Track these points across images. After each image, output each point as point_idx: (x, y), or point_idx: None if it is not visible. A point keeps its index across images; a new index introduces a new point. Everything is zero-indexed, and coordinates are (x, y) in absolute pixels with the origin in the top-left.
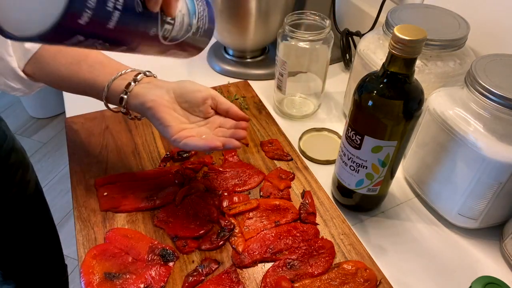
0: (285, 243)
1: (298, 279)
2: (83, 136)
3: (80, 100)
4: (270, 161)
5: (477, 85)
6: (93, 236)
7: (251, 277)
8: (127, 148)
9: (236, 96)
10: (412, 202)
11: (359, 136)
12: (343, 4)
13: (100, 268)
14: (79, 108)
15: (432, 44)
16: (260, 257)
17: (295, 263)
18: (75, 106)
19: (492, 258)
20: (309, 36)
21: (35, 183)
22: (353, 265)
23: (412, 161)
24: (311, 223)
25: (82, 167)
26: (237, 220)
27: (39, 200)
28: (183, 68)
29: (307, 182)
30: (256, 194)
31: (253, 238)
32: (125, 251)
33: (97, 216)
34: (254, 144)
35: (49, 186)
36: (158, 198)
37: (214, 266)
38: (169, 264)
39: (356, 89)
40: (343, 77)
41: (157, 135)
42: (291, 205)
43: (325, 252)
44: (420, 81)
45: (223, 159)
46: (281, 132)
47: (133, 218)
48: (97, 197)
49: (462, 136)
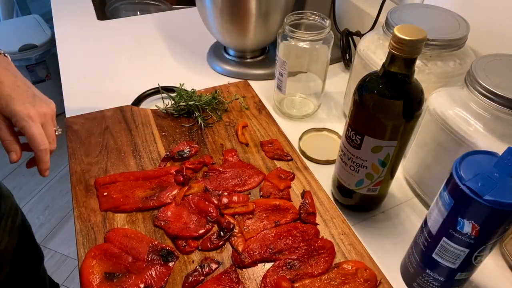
0: (285, 243)
1: (298, 279)
2: (83, 136)
3: (80, 100)
4: (270, 161)
5: (477, 85)
6: (93, 236)
7: (251, 277)
8: (127, 148)
9: (236, 96)
10: (412, 202)
11: (359, 136)
12: (343, 4)
13: (100, 268)
14: (79, 108)
15: (432, 44)
16: (260, 257)
17: (295, 263)
18: (75, 106)
19: (492, 258)
20: (309, 36)
21: (22, 221)
22: (353, 265)
23: (412, 161)
24: (311, 223)
25: (82, 167)
26: (237, 220)
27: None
28: (183, 68)
29: (307, 182)
30: (256, 194)
31: (253, 238)
32: (125, 251)
33: (97, 216)
34: (254, 144)
35: (49, 186)
36: (158, 198)
37: (214, 266)
38: (169, 264)
39: (356, 89)
40: (343, 77)
41: (157, 135)
42: (291, 205)
43: (325, 252)
44: (420, 81)
45: (223, 159)
46: (281, 132)
47: (133, 218)
48: (97, 197)
49: (462, 136)
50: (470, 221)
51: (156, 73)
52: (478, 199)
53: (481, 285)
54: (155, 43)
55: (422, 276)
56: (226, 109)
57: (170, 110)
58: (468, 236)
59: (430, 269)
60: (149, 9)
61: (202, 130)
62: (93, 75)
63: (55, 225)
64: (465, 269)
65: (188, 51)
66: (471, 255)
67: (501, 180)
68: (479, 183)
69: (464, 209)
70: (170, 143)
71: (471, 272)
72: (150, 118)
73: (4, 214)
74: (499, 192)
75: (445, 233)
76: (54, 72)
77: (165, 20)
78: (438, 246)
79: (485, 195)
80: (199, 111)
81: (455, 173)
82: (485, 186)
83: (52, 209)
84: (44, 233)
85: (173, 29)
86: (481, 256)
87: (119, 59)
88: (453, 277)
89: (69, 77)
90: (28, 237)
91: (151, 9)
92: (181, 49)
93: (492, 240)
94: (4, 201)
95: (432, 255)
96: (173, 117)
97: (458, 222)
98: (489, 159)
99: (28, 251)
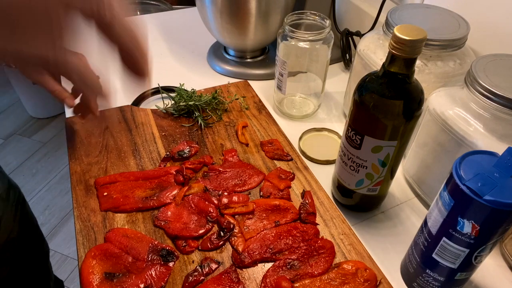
0: (285, 243)
1: (298, 279)
2: (83, 136)
3: None
4: (270, 161)
5: (477, 85)
6: (93, 236)
7: (251, 277)
8: (127, 148)
9: (236, 96)
10: (412, 202)
11: (359, 136)
12: (343, 4)
13: (100, 268)
14: None
15: (432, 44)
16: (260, 257)
17: (295, 263)
18: None
19: (492, 258)
20: (309, 36)
21: (28, 213)
22: (353, 265)
23: (412, 161)
24: (311, 223)
25: (82, 167)
26: (236, 220)
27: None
28: (183, 68)
29: (307, 182)
30: (256, 194)
31: (253, 238)
32: (125, 251)
33: (97, 216)
34: (254, 144)
35: (49, 186)
36: (158, 198)
37: (214, 266)
38: (169, 264)
39: (356, 89)
40: (343, 77)
41: (157, 135)
42: (291, 205)
43: (325, 252)
44: (420, 81)
45: (223, 159)
46: (281, 132)
47: (133, 218)
48: (97, 197)
49: (462, 136)
50: (470, 221)
51: (156, 73)
52: (478, 199)
53: (481, 285)
54: (155, 43)
55: (422, 276)
56: (226, 109)
57: (170, 110)
58: (468, 236)
59: (430, 269)
60: (149, 9)
61: (202, 130)
62: None
63: (55, 225)
64: (465, 269)
65: (188, 51)
66: (471, 255)
67: (501, 180)
68: (479, 183)
69: (464, 209)
70: (170, 143)
71: (471, 272)
72: (150, 118)
73: (13, 203)
74: (499, 192)
75: (445, 233)
76: None
77: (165, 20)
78: (438, 246)
79: (485, 195)
80: (199, 111)
81: (455, 173)
82: (485, 186)
83: (52, 209)
84: (44, 233)
85: (173, 29)
86: (481, 256)
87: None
88: (453, 277)
89: None
90: (34, 229)
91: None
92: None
93: (492, 240)
94: (13, 190)
95: (432, 255)
96: (173, 117)
97: (458, 222)
98: (489, 159)
99: (35, 243)
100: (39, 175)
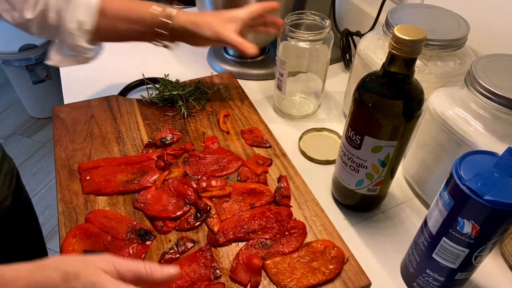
0: (259, 223)
1: (269, 256)
2: (69, 124)
3: (80, 100)
4: (250, 148)
5: (477, 85)
6: (75, 217)
7: (225, 255)
8: (111, 135)
9: (218, 86)
10: (412, 202)
11: (359, 136)
12: (343, 4)
13: (79, 246)
14: None
15: (432, 44)
16: (234, 236)
17: (268, 242)
18: None
19: (492, 258)
20: (309, 36)
21: (24, 189)
22: (322, 244)
23: (412, 161)
24: (284, 205)
25: (67, 153)
26: (214, 203)
27: (29, 206)
28: (183, 68)
29: (284, 168)
30: (234, 179)
31: (228, 219)
32: (104, 231)
33: (79, 198)
34: (234, 132)
35: (49, 186)
36: (139, 182)
37: (189, 244)
38: (146, 243)
39: (356, 89)
40: (343, 77)
41: (141, 123)
42: (267, 189)
43: (296, 232)
44: (420, 81)
45: (204, 146)
46: (262, 121)
47: (113, 200)
48: (80, 181)
49: (462, 136)
50: (470, 221)
51: (156, 73)
52: (478, 199)
53: (481, 285)
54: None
55: (422, 276)
56: (209, 99)
57: (154, 99)
58: (468, 236)
59: (430, 269)
60: None
61: (185, 119)
62: (93, 75)
63: (55, 225)
64: (465, 269)
65: (188, 51)
66: (471, 255)
67: (501, 180)
68: (479, 183)
69: (464, 209)
70: (154, 131)
71: (471, 272)
72: (135, 107)
73: (8, 173)
74: (499, 192)
75: (445, 233)
76: (54, 72)
77: None
78: (438, 246)
79: (485, 195)
80: (182, 101)
81: (455, 173)
82: (485, 186)
83: (52, 209)
84: (44, 233)
85: None
86: (481, 256)
87: (119, 59)
88: (453, 277)
89: (69, 77)
90: (28, 207)
91: None
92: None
93: (492, 240)
94: (7, 161)
95: (432, 255)
96: (157, 107)
97: (458, 222)
98: (489, 159)
99: (29, 220)
100: (39, 175)
